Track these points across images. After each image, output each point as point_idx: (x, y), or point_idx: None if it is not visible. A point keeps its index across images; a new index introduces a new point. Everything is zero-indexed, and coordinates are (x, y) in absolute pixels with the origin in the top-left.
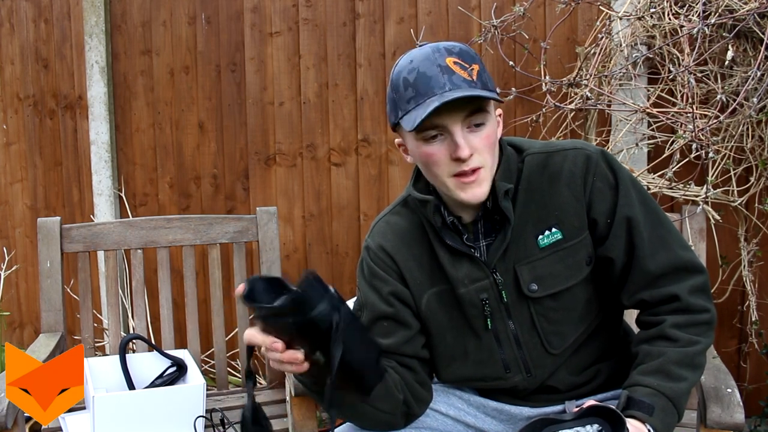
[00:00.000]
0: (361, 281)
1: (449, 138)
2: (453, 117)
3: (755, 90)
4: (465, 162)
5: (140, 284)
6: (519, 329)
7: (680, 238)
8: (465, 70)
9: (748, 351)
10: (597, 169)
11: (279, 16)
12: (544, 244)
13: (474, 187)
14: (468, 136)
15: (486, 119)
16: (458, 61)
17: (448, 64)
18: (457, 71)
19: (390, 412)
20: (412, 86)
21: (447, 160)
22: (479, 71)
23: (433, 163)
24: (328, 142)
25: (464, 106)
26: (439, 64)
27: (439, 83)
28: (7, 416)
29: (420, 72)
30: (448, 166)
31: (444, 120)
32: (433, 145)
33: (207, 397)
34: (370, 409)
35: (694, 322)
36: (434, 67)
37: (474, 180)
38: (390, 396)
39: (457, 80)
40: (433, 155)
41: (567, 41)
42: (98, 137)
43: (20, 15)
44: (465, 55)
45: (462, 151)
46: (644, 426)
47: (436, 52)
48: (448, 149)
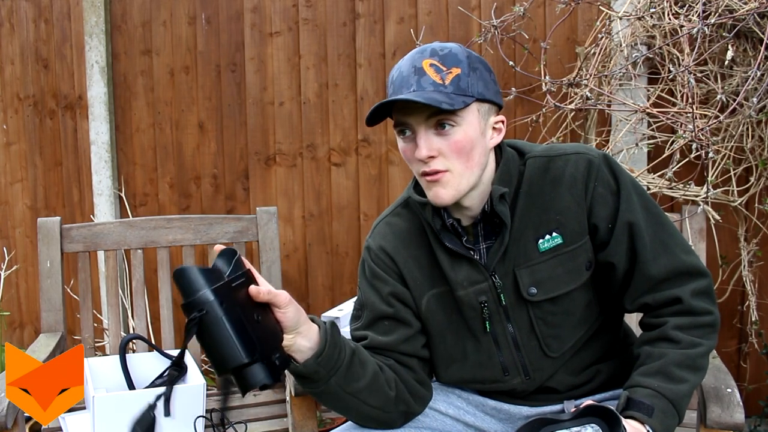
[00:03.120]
0: (362, 281)
1: (415, 136)
2: (416, 117)
3: (755, 90)
4: (427, 163)
5: (140, 284)
6: (518, 332)
7: (683, 242)
8: (439, 74)
9: (748, 351)
10: (599, 174)
11: (279, 16)
12: (544, 248)
13: (436, 186)
14: (433, 138)
15: (456, 122)
16: (435, 63)
17: (423, 66)
18: (428, 73)
19: (379, 408)
20: (393, 84)
21: (415, 159)
22: (458, 75)
23: (407, 159)
24: (328, 142)
25: (425, 107)
26: (415, 65)
27: (408, 83)
28: (7, 416)
29: (400, 71)
30: (416, 164)
31: (408, 119)
32: (406, 142)
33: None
34: (353, 399)
35: (697, 324)
36: (410, 68)
37: (436, 180)
38: (378, 391)
39: (424, 83)
40: (405, 152)
41: (567, 41)
42: (98, 137)
43: (20, 15)
44: (449, 58)
45: (419, 152)
46: (643, 427)
47: (419, 53)
48: (414, 148)
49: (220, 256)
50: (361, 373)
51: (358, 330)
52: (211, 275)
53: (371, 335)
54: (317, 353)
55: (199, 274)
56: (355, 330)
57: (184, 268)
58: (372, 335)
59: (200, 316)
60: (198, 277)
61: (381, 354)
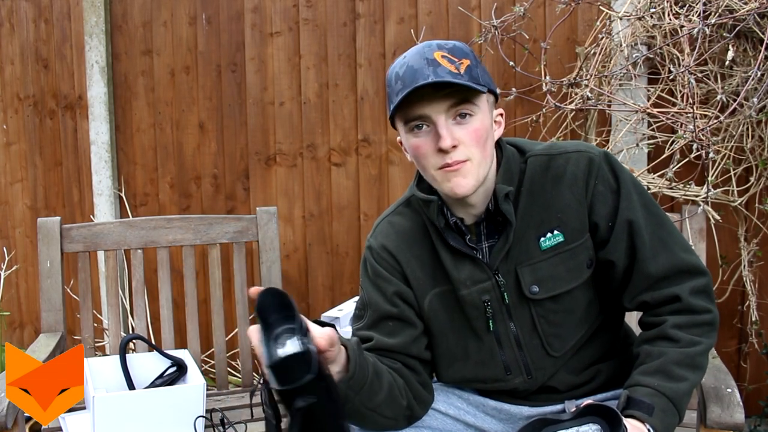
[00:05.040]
0: (364, 281)
1: (434, 129)
2: (436, 107)
3: (755, 90)
4: (448, 154)
5: (140, 284)
6: (520, 331)
7: (682, 241)
8: (452, 64)
9: (748, 351)
10: (599, 172)
11: (279, 17)
12: (545, 246)
13: (458, 176)
14: (453, 127)
15: (474, 111)
16: (446, 55)
17: (436, 58)
18: (443, 64)
19: (393, 418)
20: (401, 79)
21: (433, 152)
22: (469, 65)
23: (421, 155)
24: (328, 142)
25: (448, 96)
26: (427, 57)
27: (424, 74)
28: (7, 416)
29: (409, 65)
30: (434, 158)
31: (427, 110)
32: (419, 137)
33: (207, 397)
34: (371, 413)
35: (696, 322)
36: (422, 60)
37: (458, 169)
38: (394, 402)
39: (441, 72)
40: (420, 147)
41: (567, 41)
42: (98, 137)
43: (20, 15)
44: (456, 50)
45: (443, 141)
46: (644, 426)
47: (426, 47)
48: (434, 141)
49: (273, 307)
50: (379, 386)
51: (361, 330)
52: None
53: (377, 336)
54: (347, 377)
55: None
56: (357, 330)
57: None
58: (378, 336)
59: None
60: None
61: (387, 357)
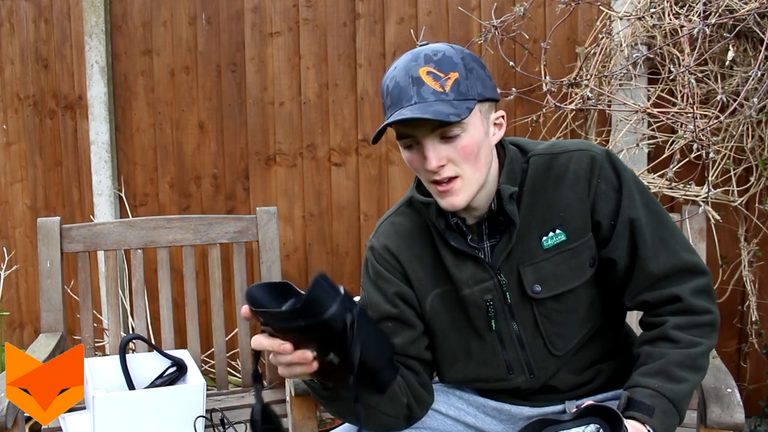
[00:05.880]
0: (365, 281)
1: (422, 147)
2: (421, 130)
3: (755, 90)
4: (436, 173)
5: (140, 284)
6: (522, 330)
7: (683, 240)
8: (437, 81)
9: (748, 351)
10: (601, 171)
11: (279, 16)
12: (548, 246)
13: (449, 196)
14: (440, 146)
15: (462, 128)
16: (432, 71)
17: (420, 75)
18: (427, 83)
19: (394, 416)
20: (390, 95)
21: (423, 168)
22: (457, 80)
23: (414, 168)
24: (328, 142)
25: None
26: (412, 74)
27: (407, 95)
28: (7, 416)
29: (396, 82)
30: (425, 173)
31: (413, 131)
32: (411, 152)
33: (207, 397)
34: (372, 412)
35: (696, 323)
36: (407, 78)
37: (448, 189)
38: (395, 400)
39: (424, 92)
40: (412, 161)
41: (567, 41)
42: (98, 137)
43: (20, 15)
44: (444, 62)
45: (429, 164)
46: (644, 427)
47: (413, 61)
48: (423, 158)
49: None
50: None
51: None
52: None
53: None
54: None
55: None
56: None
57: (322, 272)
58: None
59: (358, 316)
60: (331, 283)
61: None
